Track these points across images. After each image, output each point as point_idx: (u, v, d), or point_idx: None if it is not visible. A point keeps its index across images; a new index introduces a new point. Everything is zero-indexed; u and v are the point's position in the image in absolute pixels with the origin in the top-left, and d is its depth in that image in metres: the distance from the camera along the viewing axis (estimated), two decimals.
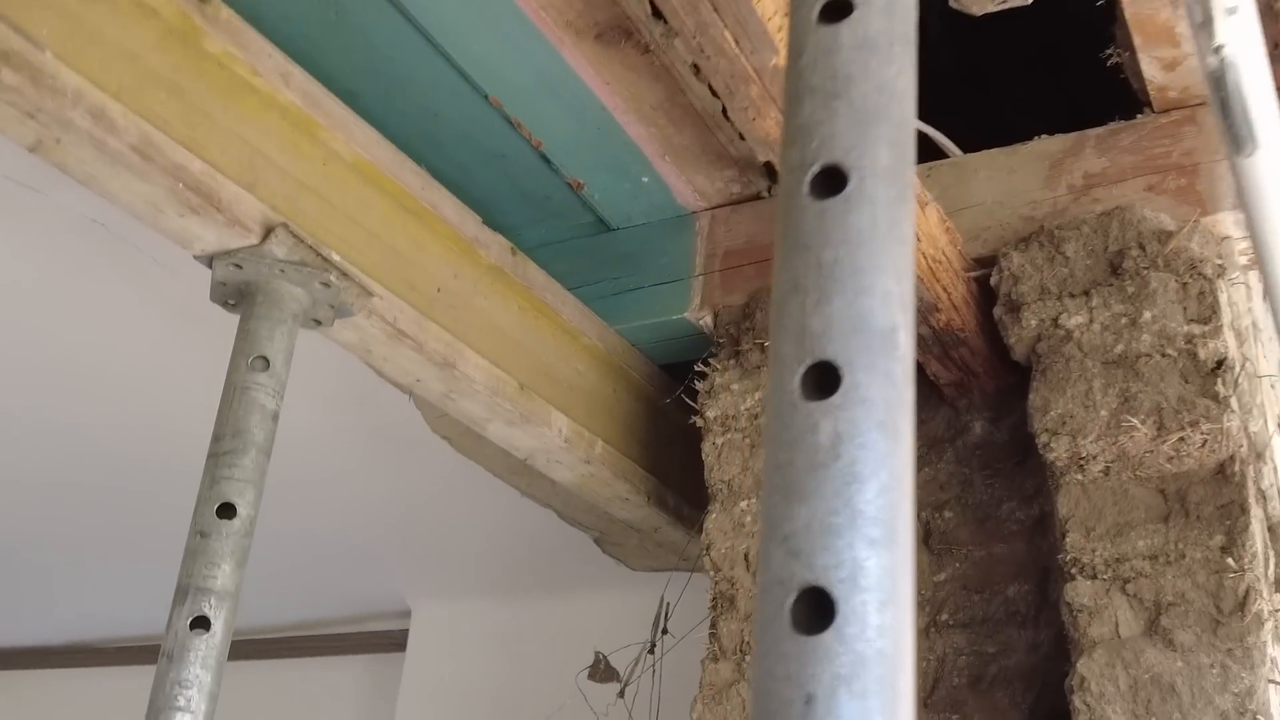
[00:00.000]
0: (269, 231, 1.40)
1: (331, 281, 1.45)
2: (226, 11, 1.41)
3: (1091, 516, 1.57)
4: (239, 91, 1.40)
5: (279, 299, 1.41)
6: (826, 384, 0.51)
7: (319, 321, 1.50)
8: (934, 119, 1.77)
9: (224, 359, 1.41)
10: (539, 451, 1.92)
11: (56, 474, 2.69)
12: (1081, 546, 1.56)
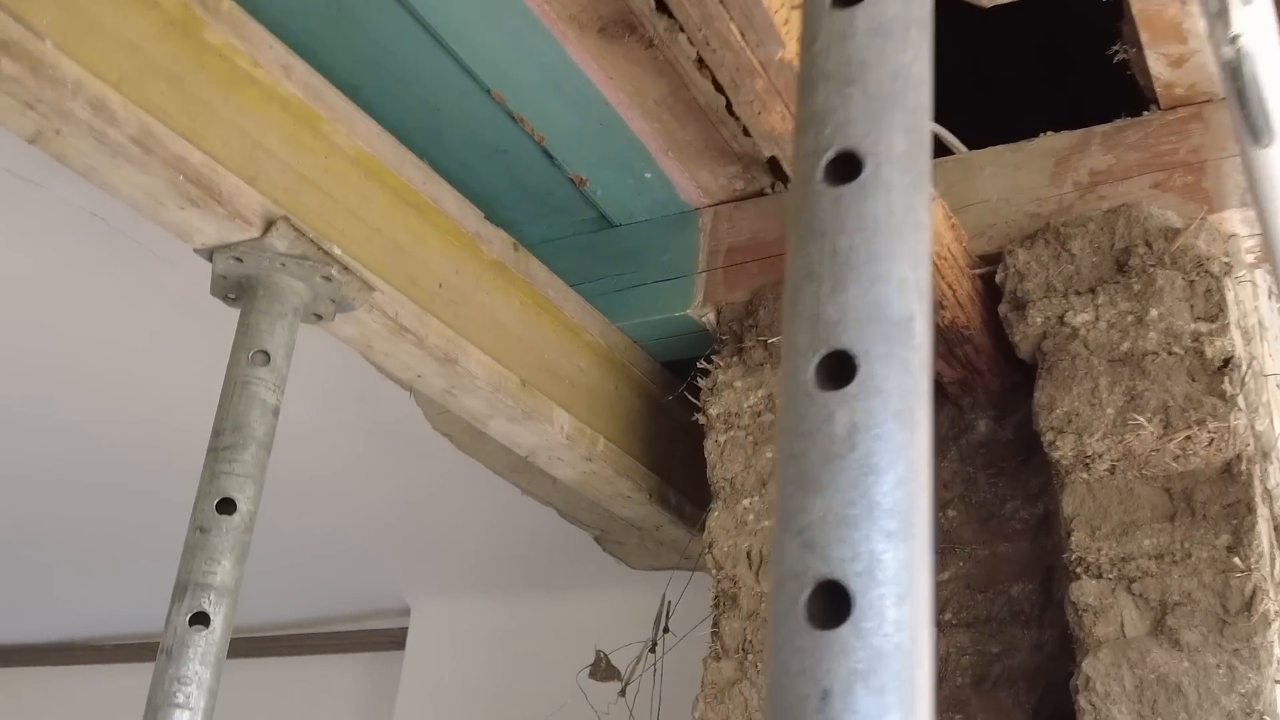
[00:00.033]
0: (270, 225, 1.39)
1: (333, 275, 1.44)
2: (227, 2, 1.39)
3: (1097, 515, 1.56)
4: (240, 83, 1.39)
5: (280, 293, 1.40)
6: (842, 373, 0.49)
7: (320, 316, 1.49)
8: (938, 115, 1.76)
9: (224, 354, 1.39)
10: (540, 448, 1.91)
11: (54, 470, 2.68)
12: (1087, 545, 1.54)
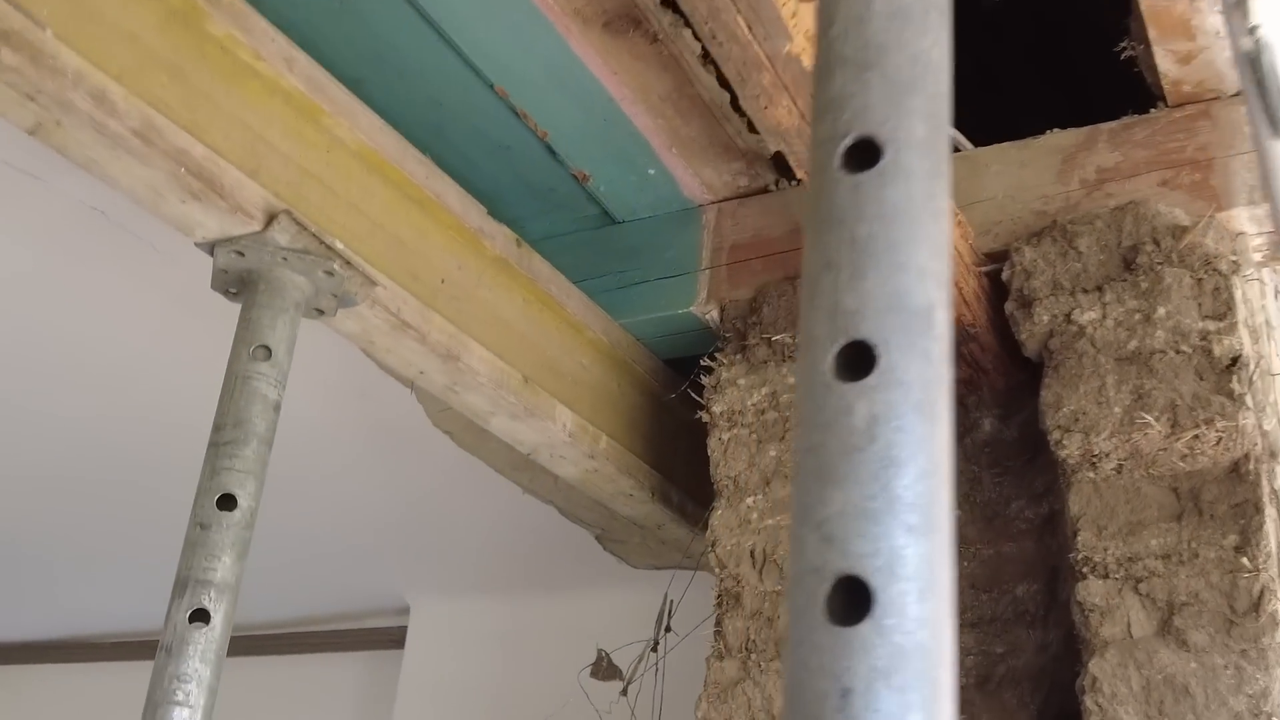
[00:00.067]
0: (272, 218, 1.38)
1: (335, 270, 1.43)
2: None
3: (1104, 515, 1.55)
4: (242, 76, 1.38)
5: (281, 287, 1.39)
6: (861, 364, 0.48)
7: (321, 311, 1.48)
8: None
9: (224, 349, 1.38)
10: (543, 446, 1.90)
11: (53, 465, 2.67)
12: (1093, 545, 1.53)
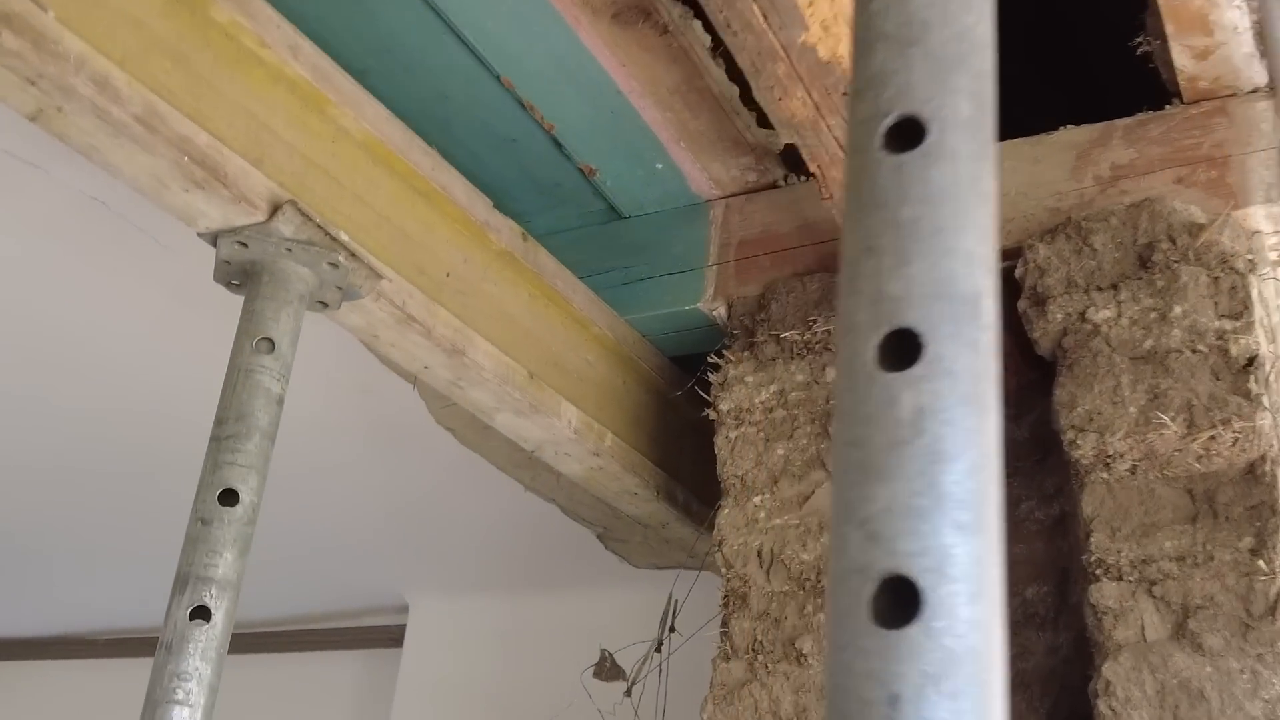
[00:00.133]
0: (276, 209, 1.35)
1: (340, 262, 1.41)
2: None
3: (1117, 516, 1.52)
4: (246, 63, 1.35)
5: (285, 279, 1.36)
6: (906, 353, 0.46)
7: (325, 304, 1.45)
8: None
9: (226, 342, 1.36)
10: (547, 443, 1.87)
11: (51, 459, 2.64)
12: (1106, 547, 1.51)
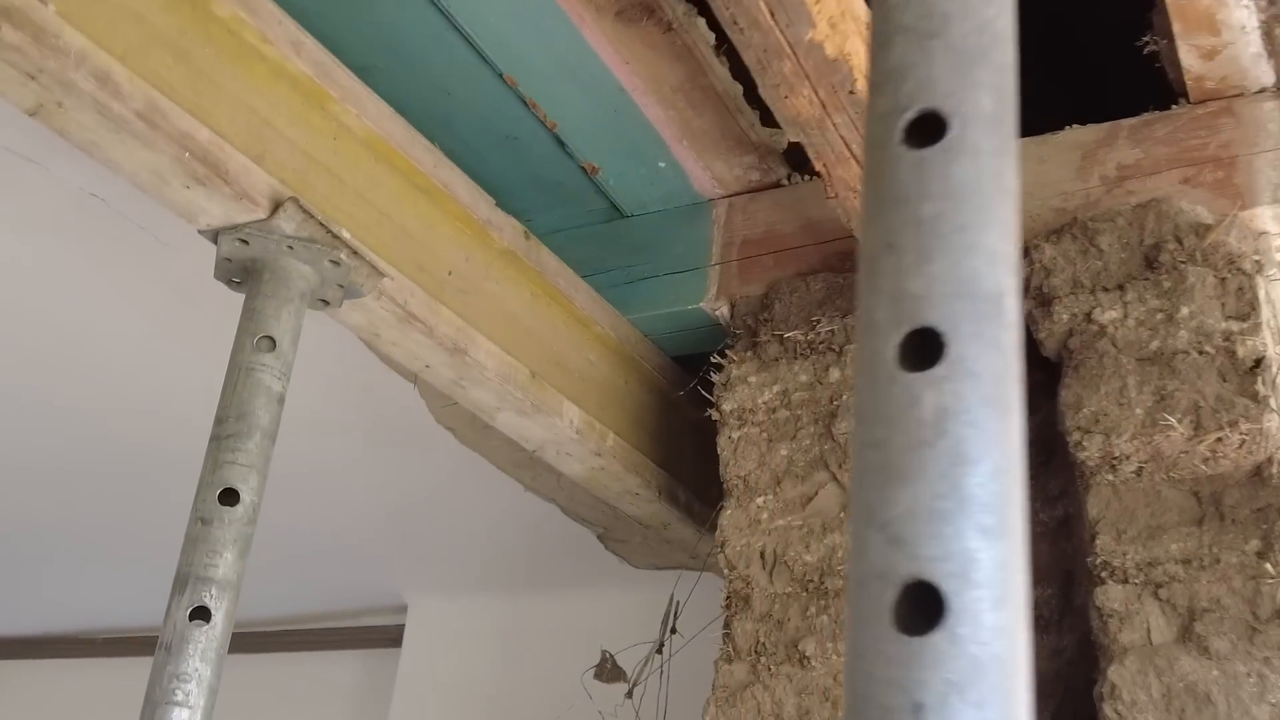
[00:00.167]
0: (277, 206, 1.34)
1: (342, 260, 1.39)
2: None
3: (1123, 518, 1.51)
4: (248, 59, 1.34)
5: (286, 277, 1.35)
6: (928, 353, 0.45)
7: (326, 302, 1.44)
8: None
9: (227, 341, 1.34)
10: (549, 443, 1.86)
11: (50, 458, 2.63)
12: (1112, 549, 1.50)
